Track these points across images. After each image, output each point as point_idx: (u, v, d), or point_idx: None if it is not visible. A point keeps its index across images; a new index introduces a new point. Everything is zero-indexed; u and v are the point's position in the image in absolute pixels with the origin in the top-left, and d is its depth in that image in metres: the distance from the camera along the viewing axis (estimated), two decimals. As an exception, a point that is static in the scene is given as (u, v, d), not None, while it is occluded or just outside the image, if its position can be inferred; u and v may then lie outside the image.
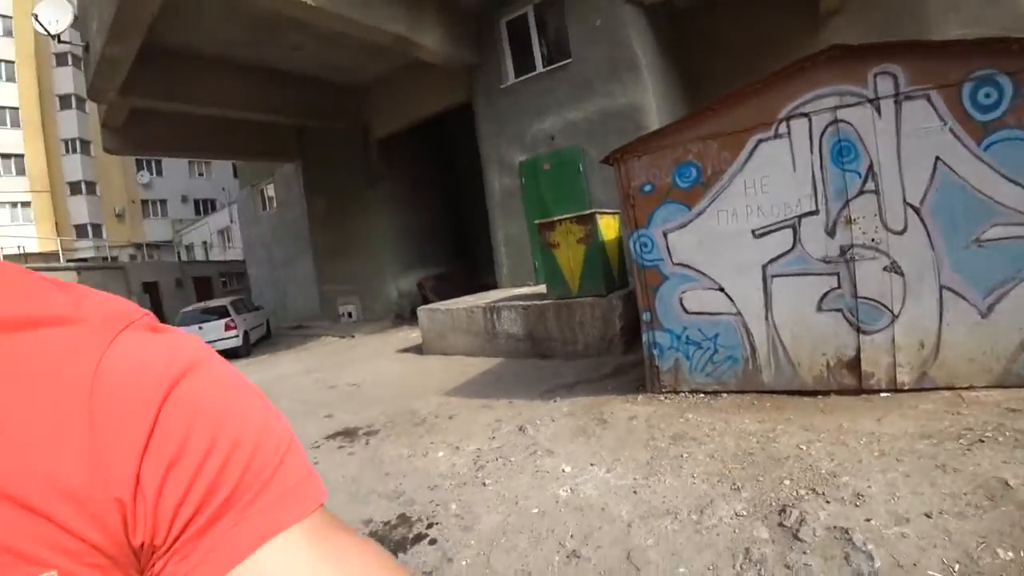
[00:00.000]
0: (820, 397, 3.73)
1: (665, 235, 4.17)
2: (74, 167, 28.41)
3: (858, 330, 3.62)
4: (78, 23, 9.50)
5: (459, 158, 14.43)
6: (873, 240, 3.52)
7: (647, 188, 4.19)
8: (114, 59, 8.01)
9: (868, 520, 2.25)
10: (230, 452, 0.36)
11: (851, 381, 3.69)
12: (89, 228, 28.43)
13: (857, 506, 2.37)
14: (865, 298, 3.58)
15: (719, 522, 2.45)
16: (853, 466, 2.71)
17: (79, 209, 28.43)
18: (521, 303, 6.95)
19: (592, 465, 3.25)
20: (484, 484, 3.24)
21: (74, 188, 28.53)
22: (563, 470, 3.25)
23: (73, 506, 0.32)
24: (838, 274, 3.65)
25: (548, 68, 9.04)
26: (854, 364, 3.67)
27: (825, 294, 3.70)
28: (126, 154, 13.28)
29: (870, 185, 3.49)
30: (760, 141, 3.77)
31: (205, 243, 30.61)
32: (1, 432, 0.31)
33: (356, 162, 13.20)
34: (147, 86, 9.22)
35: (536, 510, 2.83)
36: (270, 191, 18.95)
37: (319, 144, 14.00)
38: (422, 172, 14.33)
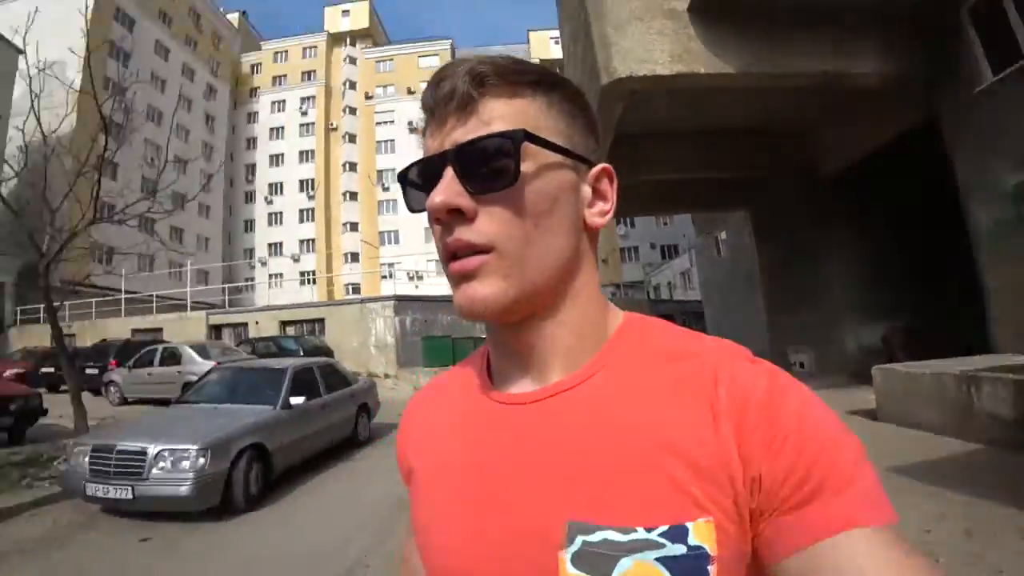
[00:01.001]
0: None
1: None
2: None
3: None
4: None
5: (924, 188, 11.84)
6: None
7: None
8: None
9: None
10: (817, 451, 0.43)
11: None
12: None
13: None
14: None
15: None
16: None
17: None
18: (1013, 376, 5.55)
19: None
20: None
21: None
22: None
23: (712, 471, 0.44)
24: None
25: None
26: None
27: None
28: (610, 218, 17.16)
29: None
30: None
31: (669, 284, 35.09)
32: (677, 418, 0.46)
33: (804, 205, 12.89)
34: (619, 169, 11.92)
35: None
36: (723, 237, 20.33)
37: (766, 190, 14.29)
38: (878, 210, 12.58)
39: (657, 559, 0.42)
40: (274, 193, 46.34)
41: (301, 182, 46.05)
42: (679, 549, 0.42)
